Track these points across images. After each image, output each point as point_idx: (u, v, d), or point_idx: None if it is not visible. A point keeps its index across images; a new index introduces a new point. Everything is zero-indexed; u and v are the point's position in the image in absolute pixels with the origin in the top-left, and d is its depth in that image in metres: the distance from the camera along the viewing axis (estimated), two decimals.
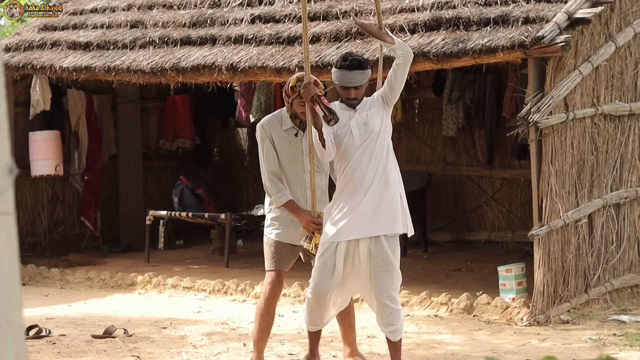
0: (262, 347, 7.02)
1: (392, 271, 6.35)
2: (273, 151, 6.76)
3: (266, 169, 6.78)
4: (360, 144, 6.34)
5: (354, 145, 6.34)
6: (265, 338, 6.99)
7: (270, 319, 6.95)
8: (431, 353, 7.75)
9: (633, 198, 9.81)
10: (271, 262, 6.91)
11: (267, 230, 6.94)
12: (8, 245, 2.02)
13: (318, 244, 6.47)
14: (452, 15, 9.40)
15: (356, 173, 6.34)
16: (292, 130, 6.79)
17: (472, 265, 11.81)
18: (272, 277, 6.89)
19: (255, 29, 10.75)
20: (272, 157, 6.75)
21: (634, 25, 9.72)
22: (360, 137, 6.34)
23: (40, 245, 13.15)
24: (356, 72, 6.33)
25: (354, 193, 6.34)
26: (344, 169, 6.39)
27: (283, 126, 6.79)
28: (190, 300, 10.51)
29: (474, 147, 13.11)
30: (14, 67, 12.09)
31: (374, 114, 6.39)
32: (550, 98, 8.69)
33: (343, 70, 6.34)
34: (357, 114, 6.39)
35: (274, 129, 6.77)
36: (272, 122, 6.81)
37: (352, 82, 6.35)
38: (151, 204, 13.98)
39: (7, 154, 2.03)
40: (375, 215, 6.31)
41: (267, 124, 6.80)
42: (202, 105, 14.63)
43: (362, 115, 6.39)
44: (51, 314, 9.78)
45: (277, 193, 6.68)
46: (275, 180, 6.74)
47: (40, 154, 12.50)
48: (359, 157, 6.35)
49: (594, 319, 8.88)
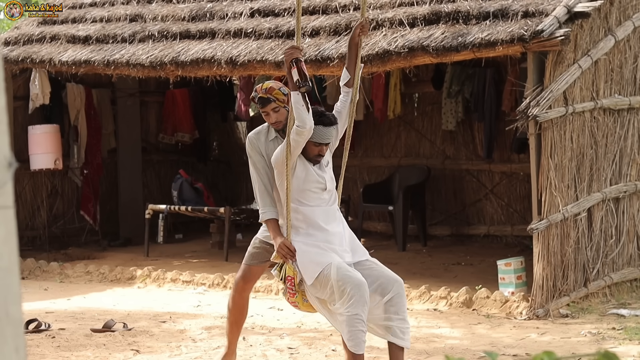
0: (235, 339, 7.09)
1: None
2: (263, 162, 6.65)
3: (258, 180, 6.64)
4: (328, 197, 6.23)
5: (322, 199, 6.21)
6: (234, 331, 7.05)
7: (239, 313, 6.99)
8: (430, 347, 7.76)
9: (632, 192, 9.81)
10: (248, 257, 6.95)
11: (262, 228, 6.93)
12: (7, 239, 2.02)
13: (288, 276, 6.18)
14: (451, 9, 9.39)
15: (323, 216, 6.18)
16: (278, 139, 6.69)
17: (472, 259, 11.81)
18: (245, 271, 6.93)
19: (255, 23, 10.75)
20: (262, 168, 6.62)
21: (634, 19, 9.71)
22: (329, 192, 6.22)
23: (39, 239, 13.15)
24: (332, 129, 6.15)
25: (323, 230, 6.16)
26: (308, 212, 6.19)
27: (269, 136, 6.72)
28: (189, 294, 10.52)
29: (473, 141, 13.11)
30: (13, 61, 12.09)
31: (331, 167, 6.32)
32: (549, 92, 8.69)
33: (320, 127, 6.09)
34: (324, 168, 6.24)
35: (261, 140, 6.69)
36: (258, 134, 6.70)
37: (328, 139, 6.16)
38: (150, 198, 13.99)
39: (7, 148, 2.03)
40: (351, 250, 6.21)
41: (254, 136, 6.70)
42: (201, 99, 14.62)
43: (328, 169, 6.28)
44: (50, 307, 9.78)
45: (262, 208, 6.55)
46: (264, 193, 6.55)
47: (40, 148, 12.50)
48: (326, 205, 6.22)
49: (593, 312, 8.89)
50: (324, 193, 6.21)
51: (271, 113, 6.52)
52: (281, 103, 6.50)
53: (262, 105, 6.53)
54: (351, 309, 5.87)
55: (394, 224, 12.64)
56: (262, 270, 6.97)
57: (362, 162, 13.93)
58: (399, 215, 12.29)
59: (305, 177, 6.17)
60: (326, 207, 6.23)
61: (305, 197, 6.19)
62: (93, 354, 7.67)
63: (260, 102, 6.53)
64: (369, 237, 13.40)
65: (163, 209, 12.70)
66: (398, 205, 12.30)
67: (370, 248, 12.71)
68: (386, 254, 12.22)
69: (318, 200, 6.21)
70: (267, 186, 6.50)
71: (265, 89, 6.54)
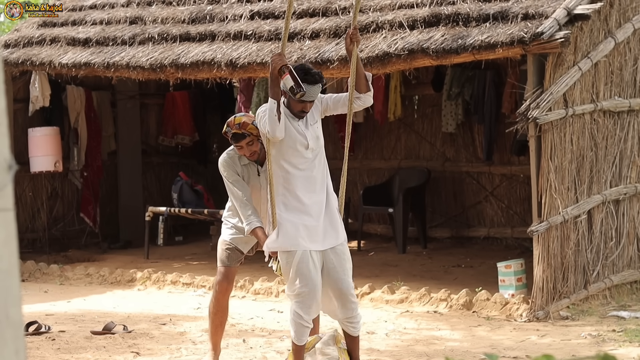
0: (218, 341, 7.26)
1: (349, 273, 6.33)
2: (240, 179, 6.74)
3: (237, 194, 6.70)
4: (312, 157, 6.24)
5: (305, 158, 6.22)
6: (219, 333, 7.22)
7: (223, 315, 7.17)
8: (430, 349, 7.76)
9: (632, 194, 9.81)
10: (222, 260, 7.10)
11: (224, 230, 7.05)
12: (7, 242, 2.02)
13: None
14: (451, 11, 9.39)
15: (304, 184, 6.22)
16: (251, 165, 6.78)
17: (472, 262, 11.81)
18: (222, 274, 7.08)
19: (255, 25, 10.75)
20: (240, 183, 6.71)
21: (633, 21, 9.72)
22: (312, 151, 6.23)
23: (39, 241, 13.15)
24: (317, 87, 6.17)
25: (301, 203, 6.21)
26: (289, 177, 6.23)
27: (241, 161, 6.79)
28: (189, 296, 10.52)
29: (473, 143, 13.11)
30: (13, 64, 12.09)
31: (320, 127, 6.35)
32: (549, 94, 8.69)
33: (305, 85, 6.12)
34: (310, 125, 6.26)
35: (236, 163, 6.76)
36: (232, 158, 6.77)
37: (311, 97, 6.17)
38: (150, 200, 13.99)
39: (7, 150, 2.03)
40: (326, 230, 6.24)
41: (229, 160, 6.77)
42: (201, 101, 14.63)
43: (314, 127, 6.28)
44: (50, 310, 9.78)
45: (246, 220, 6.63)
46: (245, 205, 6.64)
47: (40, 150, 12.50)
48: (309, 168, 6.23)
49: (594, 315, 8.89)
50: (307, 152, 6.22)
51: (245, 147, 6.66)
52: (255, 137, 6.59)
53: (235, 140, 6.63)
54: (295, 307, 6.25)
55: (394, 226, 12.64)
56: (237, 269, 7.21)
57: (362, 164, 13.93)
58: (399, 217, 12.29)
59: (287, 134, 6.19)
60: (309, 172, 6.22)
61: (288, 156, 6.21)
62: (93, 356, 7.67)
63: (234, 138, 6.63)
64: (369, 239, 13.40)
65: (163, 211, 12.70)
66: (398, 208, 12.30)
67: (371, 250, 12.79)
68: (386, 256, 12.23)
69: (301, 159, 6.21)
70: (248, 198, 6.65)
71: (238, 124, 6.62)
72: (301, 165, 6.24)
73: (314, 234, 6.21)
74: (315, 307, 6.30)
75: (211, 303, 7.19)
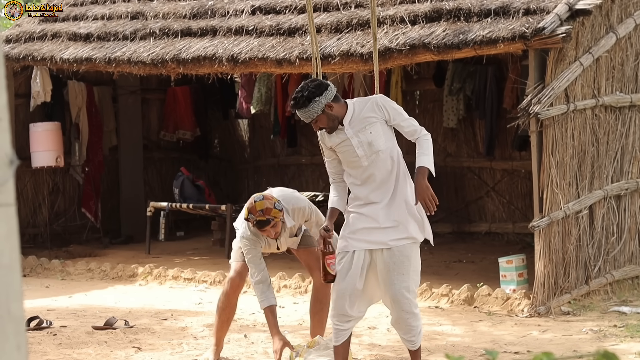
0: (222, 337, 7.27)
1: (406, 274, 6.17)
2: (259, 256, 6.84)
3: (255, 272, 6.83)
4: (367, 164, 6.17)
5: (360, 166, 6.18)
6: (224, 329, 7.24)
7: (231, 312, 7.18)
8: (432, 344, 7.76)
9: (634, 189, 9.81)
10: (235, 256, 7.10)
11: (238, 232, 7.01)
12: (9, 237, 2.02)
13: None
14: (452, 7, 9.39)
15: (365, 190, 6.20)
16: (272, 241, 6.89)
17: (473, 257, 11.81)
18: (235, 270, 7.06)
19: (256, 20, 10.75)
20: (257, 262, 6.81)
21: (635, 16, 9.71)
22: (366, 158, 6.17)
23: (41, 236, 13.16)
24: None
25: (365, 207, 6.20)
26: (352, 183, 6.26)
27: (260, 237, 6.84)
28: (191, 291, 10.52)
29: (475, 138, 13.11)
30: (15, 59, 12.09)
31: (378, 132, 6.18)
32: (550, 89, 8.68)
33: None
34: (359, 133, 6.18)
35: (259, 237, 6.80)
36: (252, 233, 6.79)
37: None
38: (152, 196, 14.00)
39: (8, 146, 2.03)
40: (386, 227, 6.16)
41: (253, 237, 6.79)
42: (202, 96, 14.63)
43: (366, 134, 6.17)
44: (52, 305, 9.79)
45: (261, 296, 6.82)
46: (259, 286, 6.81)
47: (41, 146, 12.50)
48: (366, 175, 6.19)
49: (595, 310, 8.89)
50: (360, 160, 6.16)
51: (269, 229, 6.65)
52: (279, 219, 6.63)
53: (260, 227, 6.61)
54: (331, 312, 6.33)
55: None
56: None
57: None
58: None
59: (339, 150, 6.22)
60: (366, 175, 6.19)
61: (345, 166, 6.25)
62: (95, 351, 7.67)
63: (259, 225, 6.60)
64: None
65: (164, 206, 12.70)
66: None
67: None
68: None
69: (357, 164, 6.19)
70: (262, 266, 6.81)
71: (261, 211, 6.57)
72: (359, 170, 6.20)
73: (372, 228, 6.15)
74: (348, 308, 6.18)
75: (220, 298, 7.16)
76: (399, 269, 6.10)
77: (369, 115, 6.17)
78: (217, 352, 7.23)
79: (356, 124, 6.17)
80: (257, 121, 15.05)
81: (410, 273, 6.16)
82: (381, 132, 6.17)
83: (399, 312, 6.12)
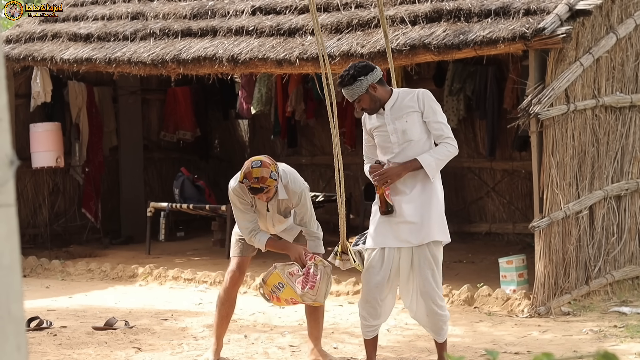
0: (221, 334, 7.27)
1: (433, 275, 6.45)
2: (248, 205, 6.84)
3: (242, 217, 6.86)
4: (398, 150, 6.37)
5: (392, 152, 6.39)
6: (224, 325, 7.24)
7: (230, 307, 7.19)
8: (432, 345, 7.74)
9: (634, 190, 9.81)
10: (234, 250, 7.15)
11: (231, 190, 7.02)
12: (9, 237, 2.02)
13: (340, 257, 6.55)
14: (453, 7, 9.39)
15: None
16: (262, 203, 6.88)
17: (473, 257, 11.81)
18: (234, 265, 7.11)
19: (256, 21, 10.75)
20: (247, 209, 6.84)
21: (635, 16, 9.71)
22: (398, 145, 6.36)
23: (41, 237, 13.16)
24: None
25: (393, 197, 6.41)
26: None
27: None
28: (191, 292, 10.52)
29: (475, 138, 13.10)
30: (15, 59, 12.09)
31: (414, 122, 6.36)
32: (551, 90, 8.68)
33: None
34: (396, 120, 6.36)
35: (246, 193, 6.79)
36: (242, 189, 6.80)
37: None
38: (152, 196, 13.99)
39: (8, 146, 2.03)
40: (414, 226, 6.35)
41: (239, 189, 6.80)
42: (202, 97, 14.63)
43: (402, 122, 6.36)
44: (52, 305, 9.79)
45: (255, 237, 6.83)
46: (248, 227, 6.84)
47: (41, 146, 12.50)
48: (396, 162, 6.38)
49: (595, 310, 8.89)
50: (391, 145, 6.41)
51: (262, 195, 6.68)
52: (272, 187, 6.65)
53: (254, 193, 6.65)
54: (359, 305, 6.57)
55: None
56: (250, 260, 7.24)
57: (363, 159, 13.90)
58: None
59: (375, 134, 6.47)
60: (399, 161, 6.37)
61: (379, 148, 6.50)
62: (95, 351, 7.67)
63: (252, 191, 6.64)
64: None
65: (165, 206, 12.71)
66: None
67: None
68: None
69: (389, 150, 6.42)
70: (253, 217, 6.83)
71: (256, 179, 6.59)
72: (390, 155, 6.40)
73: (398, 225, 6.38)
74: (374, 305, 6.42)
75: (220, 294, 7.19)
76: (428, 265, 6.42)
77: (409, 105, 6.37)
78: (217, 352, 7.23)
79: (396, 111, 6.38)
80: (258, 121, 15.05)
81: (436, 269, 6.49)
82: (417, 123, 6.37)
83: (429, 304, 6.44)
